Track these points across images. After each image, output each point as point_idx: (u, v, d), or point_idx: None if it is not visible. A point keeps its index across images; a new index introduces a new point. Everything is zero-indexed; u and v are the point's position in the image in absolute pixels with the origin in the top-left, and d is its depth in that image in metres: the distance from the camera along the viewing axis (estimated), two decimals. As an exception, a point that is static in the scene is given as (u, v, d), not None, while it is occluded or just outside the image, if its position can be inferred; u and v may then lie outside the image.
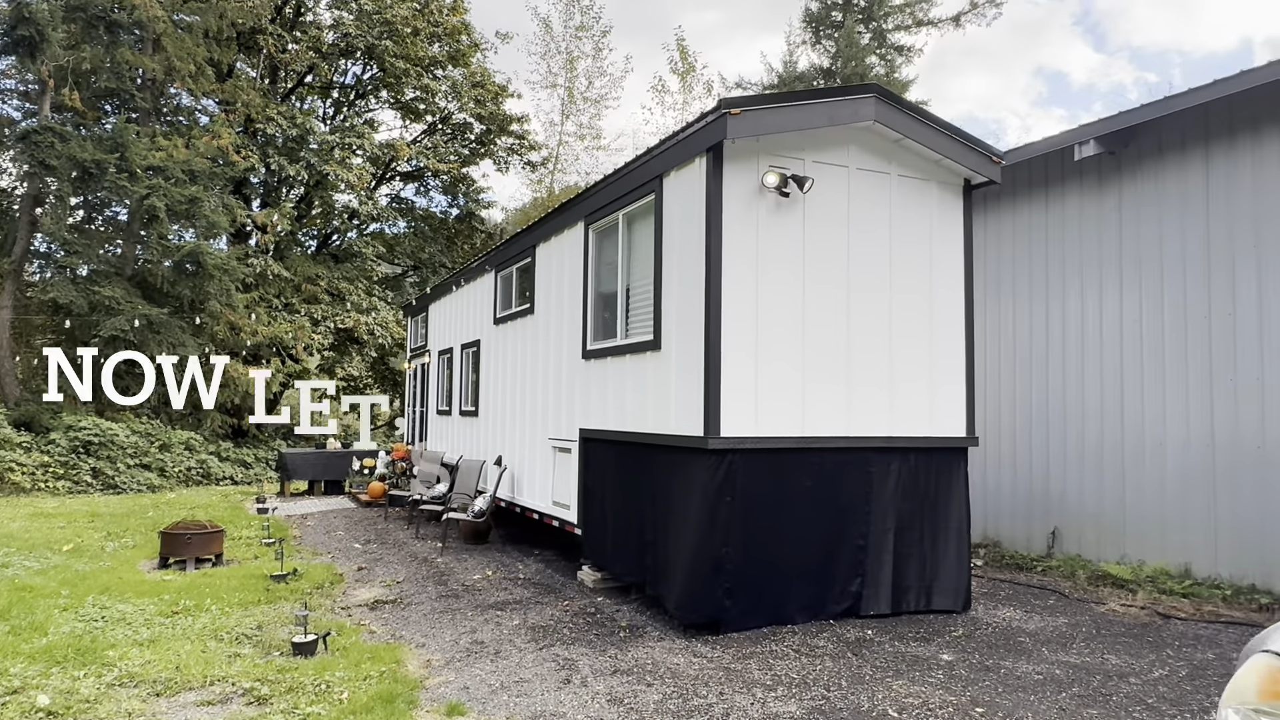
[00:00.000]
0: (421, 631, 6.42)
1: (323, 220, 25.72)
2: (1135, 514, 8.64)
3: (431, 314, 15.02)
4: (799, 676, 5.20)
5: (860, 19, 32.82)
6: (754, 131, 5.97)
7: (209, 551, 9.33)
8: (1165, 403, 8.34)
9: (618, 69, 56.23)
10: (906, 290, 6.88)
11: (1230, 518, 7.84)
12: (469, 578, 8.42)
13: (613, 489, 7.55)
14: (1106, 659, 5.66)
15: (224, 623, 6.67)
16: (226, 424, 20.16)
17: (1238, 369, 7.76)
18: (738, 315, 6.14)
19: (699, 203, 6.25)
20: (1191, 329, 8.17)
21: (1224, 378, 7.86)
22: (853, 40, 32.07)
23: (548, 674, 5.29)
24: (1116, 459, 8.84)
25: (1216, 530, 7.94)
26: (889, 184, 6.85)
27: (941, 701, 4.75)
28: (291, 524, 12.31)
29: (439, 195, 28.73)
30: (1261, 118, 7.63)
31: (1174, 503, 8.27)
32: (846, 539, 6.56)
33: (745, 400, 6.15)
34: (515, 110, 27.35)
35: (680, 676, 5.20)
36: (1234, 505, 7.81)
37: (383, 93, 26.61)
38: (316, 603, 7.44)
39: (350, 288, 22.86)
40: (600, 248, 8.15)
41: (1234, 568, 7.81)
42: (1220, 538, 7.92)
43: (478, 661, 5.59)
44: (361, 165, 22.25)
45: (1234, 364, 7.80)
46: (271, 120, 21.09)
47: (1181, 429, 8.20)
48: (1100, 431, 8.99)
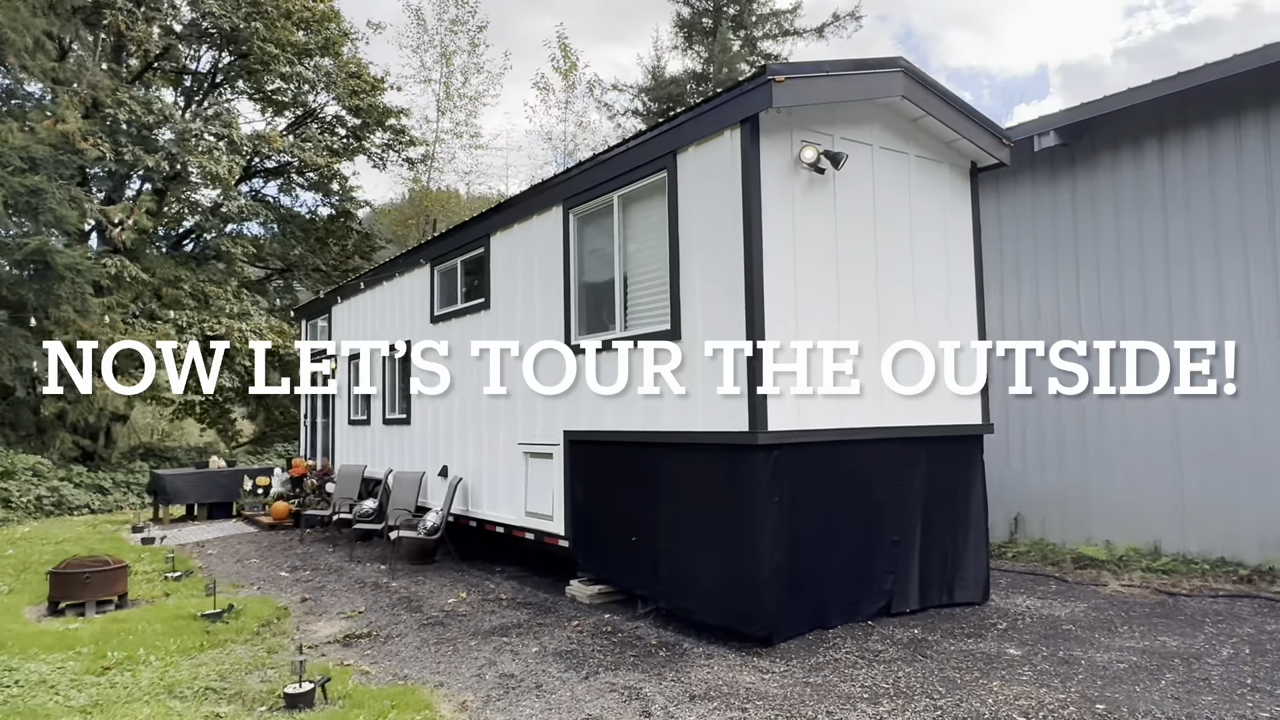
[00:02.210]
0: (427, 668, 5.58)
1: (179, 218, 23.33)
2: (1100, 496, 8.86)
3: (336, 316, 13.73)
4: (890, 686, 4.80)
5: (732, 26, 33.31)
6: (797, 101, 5.55)
7: (111, 592, 7.97)
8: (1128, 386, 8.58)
9: (496, 65, 54.69)
10: (927, 277, 6.67)
11: (1197, 496, 8.14)
12: (441, 601, 7.55)
13: (614, 494, 6.93)
14: (1163, 641, 5.61)
15: (174, 676, 5.58)
16: (78, 445, 17.80)
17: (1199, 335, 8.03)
18: (778, 301, 5.70)
19: (731, 180, 5.76)
20: (1151, 312, 8.45)
21: (1187, 359, 8.13)
22: (726, 46, 32.52)
23: (617, 707, 4.64)
24: (1078, 443, 9.05)
25: (1183, 508, 8.23)
26: (908, 165, 6.62)
27: (1057, 701, 4.48)
28: (189, 554, 10.82)
29: (305, 193, 26.79)
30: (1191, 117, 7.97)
31: (1141, 483, 8.52)
32: (881, 535, 6.25)
33: (787, 393, 5.71)
34: (395, 103, 25.70)
35: (767, 698, 4.68)
36: (1201, 484, 8.11)
37: (240, 82, 24.49)
38: (274, 643, 6.40)
39: (218, 291, 20.78)
40: (584, 234, 7.50)
41: (1202, 543, 8.11)
42: (1187, 515, 8.21)
43: (523, 699, 4.86)
44: (230, 158, 20.24)
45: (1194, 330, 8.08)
46: (124, 104, 18.83)
47: (1143, 411, 8.45)
48: (1059, 416, 9.18)
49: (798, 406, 5.76)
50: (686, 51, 33.97)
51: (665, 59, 37.24)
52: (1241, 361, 7.83)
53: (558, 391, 7.61)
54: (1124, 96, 8.22)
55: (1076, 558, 8.34)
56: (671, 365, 6.26)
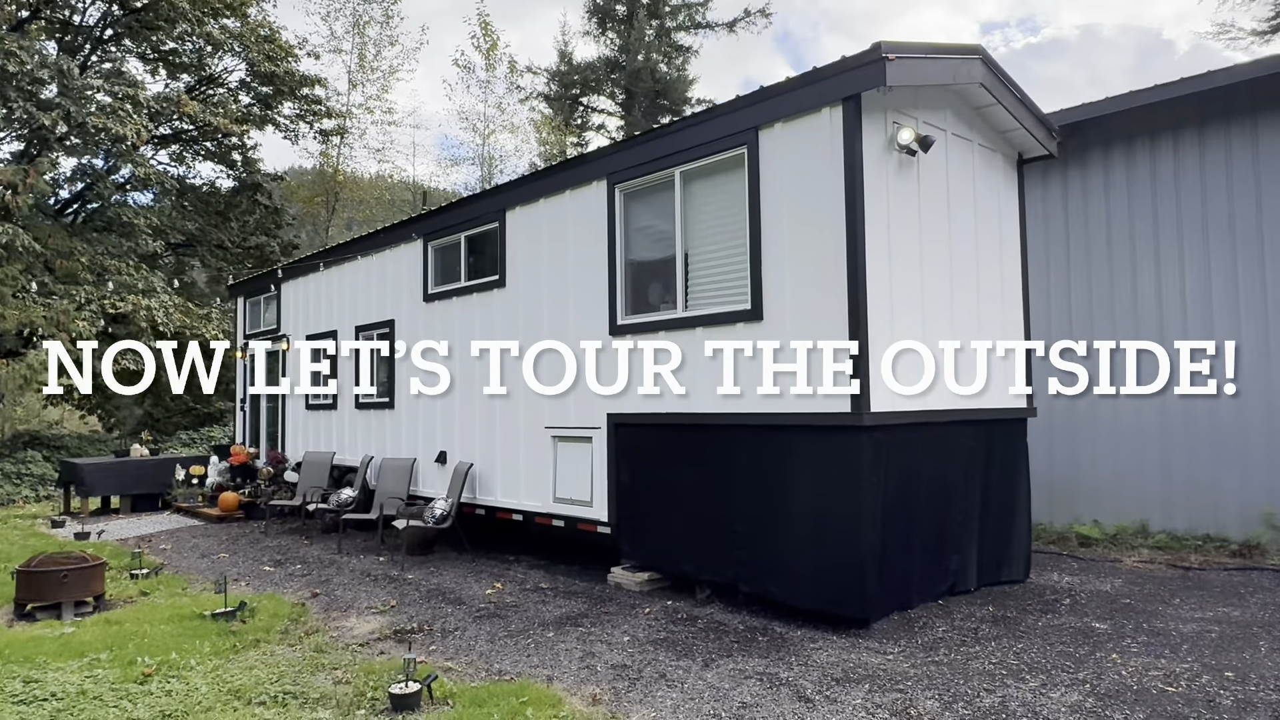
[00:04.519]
0: (519, 662, 5.25)
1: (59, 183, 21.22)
2: (1090, 477, 9.35)
3: (287, 294, 12.81)
4: (1018, 663, 4.88)
5: (646, 14, 33.20)
6: (903, 81, 5.53)
7: (89, 592, 7.19)
8: (1118, 373, 9.08)
9: (412, 40, 52.39)
10: (988, 261, 6.82)
11: (1183, 478, 8.71)
12: (477, 592, 7.16)
13: (672, 479, 6.75)
14: (1224, 611, 5.95)
15: (232, 680, 5.05)
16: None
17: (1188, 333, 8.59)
18: (878, 282, 5.68)
19: (829, 159, 5.69)
20: (1141, 299, 8.96)
21: (1174, 343, 8.65)
22: (641, 34, 32.43)
23: (766, 693, 4.50)
24: (1067, 425, 9.51)
25: (1170, 488, 8.78)
26: (972, 152, 6.73)
27: (1186, 670, 4.67)
28: (141, 549, 9.85)
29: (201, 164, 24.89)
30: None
31: (1129, 464, 9.04)
32: (951, 515, 6.36)
33: (885, 374, 5.71)
34: (312, 71, 24.22)
35: (913, 678, 4.66)
36: (1187, 467, 8.67)
37: (127, 40, 22.48)
38: (316, 641, 5.90)
39: (119, 265, 19.04)
40: (631, 210, 7.26)
41: (1188, 521, 8.68)
42: (1173, 495, 8.77)
43: (654, 690, 4.64)
44: (138, 121, 18.52)
45: (1184, 328, 8.63)
46: (13, 55, 16.94)
47: (1133, 401, 8.96)
48: (1050, 406, 9.61)
49: (890, 389, 5.76)
50: (600, 38, 33.67)
51: (574, 44, 36.75)
52: (1226, 356, 8.40)
53: (602, 373, 7.35)
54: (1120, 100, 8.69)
55: (1080, 537, 8.75)
56: (752, 345, 6.13)
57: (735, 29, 34.17)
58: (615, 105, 34.53)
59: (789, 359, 5.90)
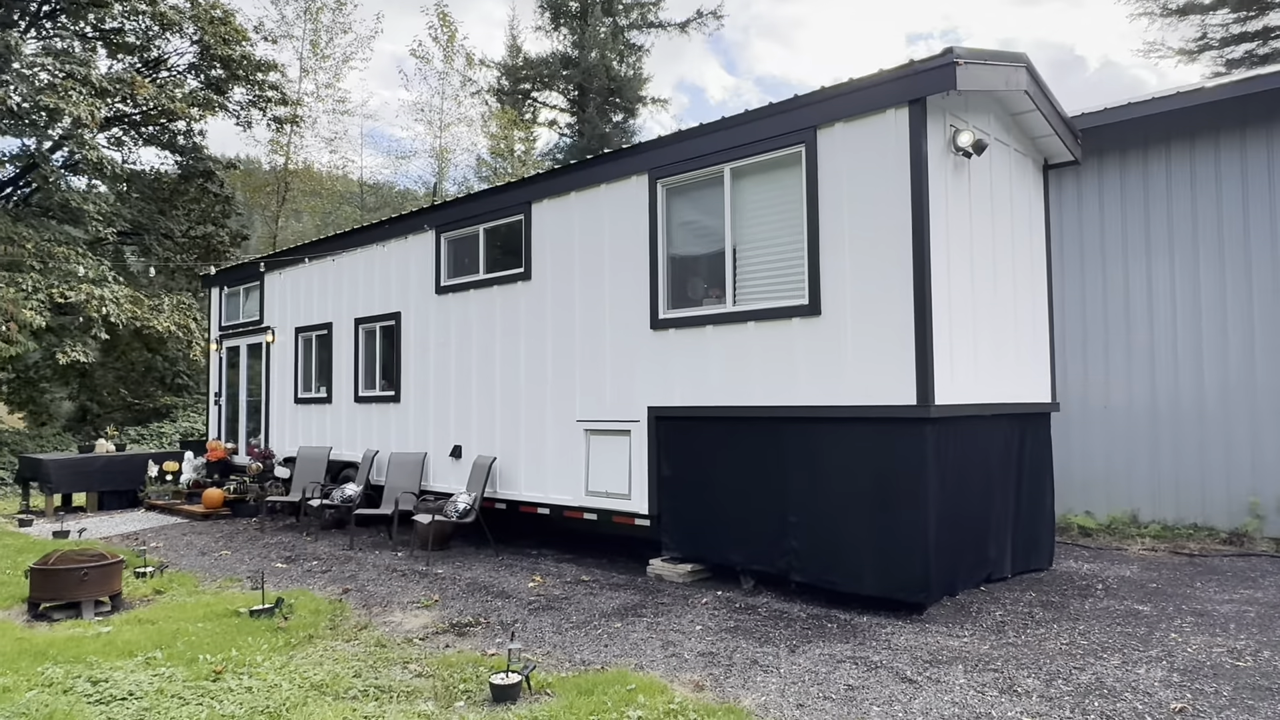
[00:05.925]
0: (600, 653, 5.26)
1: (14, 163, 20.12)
2: (1081, 470, 9.79)
3: (271, 286, 12.43)
4: (1088, 643, 5.12)
5: (601, 10, 33.15)
6: (969, 85, 5.74)
7: (108, 590, 6.93)
8: (1108, 370, 9.54)
9: (367, 29, 51.25)
10: (1023, 261, 7.11)
11: (1171, 472, 9.21)
12: (519, 585, 7.12)
13: (720, 471, 6.84)
14: (1249, 594, 6.34)
15: (308, 676, 4.95)
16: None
17: (1178, 339, 9.10)
18: (938, 278, 5.87)
19: (894, 159, 5.86)
20: (1133, 305, 9.44)
21: (1168, 347, 9.16)
22: (595, 31, 32.42)
23: (865, 674, 4.63)
24: (1060, 419, 9.93)
25: (1159, 481, 9.28)
26: (1009, 158, 7.00)
27: (1246, 647, 4.98)
28: (129, 548, 9.47)
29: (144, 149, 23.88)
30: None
31: (1120, 459, 9.51)
32: (993, 505, 6.61)
33: (945, 368, 5.91)
34: (267, 56, 23.46)
35: (1000, 659, 4.85)
36: (1175, 461, 9.17)
37: (63, 17, 21.44)
38: (374, 636, 5.81)
39: (67, 252, 18.15)
40: (673, 205, 7.32)
41: (1176, 512, 9.18)
42: (1162, 487, 9.26)
43: (753, 675, 4.73)
44: (91, 101, 17.67)
45: (1174, 335, 9.14)
46: (-43, 29, 16.01)
47: (1125, 393, 9.44)
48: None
49: (948, 383, 5.97)
50: (552, 33, 33.52)
51: (523, 38, 36.42)
52: (1212, 354, 8.92)
53: (641, 367, 7.39)
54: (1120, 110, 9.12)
55: (1080, 527, 9.17)
56: (810, 339, 6.27)
57: (688, 29, 34.50)
58: (567, 101, 34.46)
59: (849, 353, 6.05)
